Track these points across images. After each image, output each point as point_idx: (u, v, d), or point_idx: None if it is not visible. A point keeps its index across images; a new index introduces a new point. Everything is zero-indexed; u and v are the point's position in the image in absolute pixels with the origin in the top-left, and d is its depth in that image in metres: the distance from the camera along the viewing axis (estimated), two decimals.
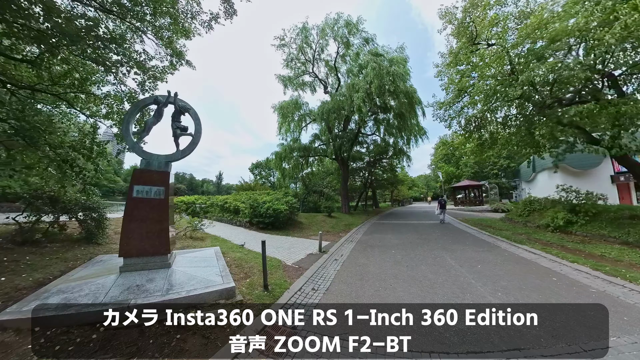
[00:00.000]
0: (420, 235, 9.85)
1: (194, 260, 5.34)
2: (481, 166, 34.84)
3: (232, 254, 6.54)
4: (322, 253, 6.76)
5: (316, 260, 5.99)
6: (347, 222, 13.19)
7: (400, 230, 11.07)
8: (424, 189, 70.79)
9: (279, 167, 19.25)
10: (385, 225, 13.09)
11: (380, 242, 8.44)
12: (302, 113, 19.33)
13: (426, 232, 10.52)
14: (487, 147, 15.52)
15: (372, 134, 21.05)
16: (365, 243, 8.25)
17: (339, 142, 15.84)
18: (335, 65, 19.26)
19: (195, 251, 6.31)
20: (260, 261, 4.75)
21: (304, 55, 19.85)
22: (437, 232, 10.50)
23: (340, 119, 18.97)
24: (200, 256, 5.74)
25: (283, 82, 20.11)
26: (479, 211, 23.32)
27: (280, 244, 8.18)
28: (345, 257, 6.31)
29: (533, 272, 5.08)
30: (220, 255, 5.84)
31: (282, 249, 7.37)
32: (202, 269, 4.64)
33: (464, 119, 16.24)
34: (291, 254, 6.83)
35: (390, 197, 37.50)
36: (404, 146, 19.34)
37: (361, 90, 12.38)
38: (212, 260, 5.36)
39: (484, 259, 6.14)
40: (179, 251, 6.15)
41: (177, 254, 5.55)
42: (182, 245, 7.31)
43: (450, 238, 9.17)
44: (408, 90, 14.11)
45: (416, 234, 9.99)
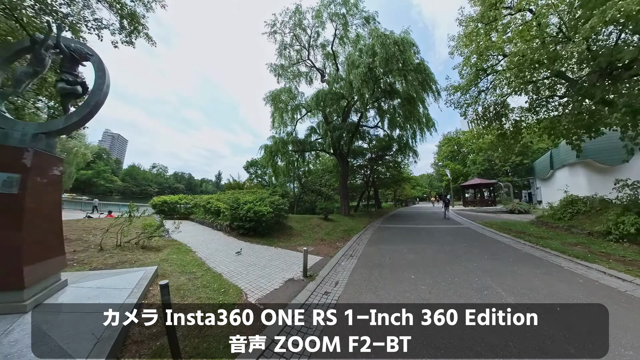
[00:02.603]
0: (442, 246, 7.67)
1: (91, 294, 3.25)
2: (491, 163, 32.53)
3: (177, 278, 4.42)
4: (308, 279, 4.59)
5: (296, 295, 3.83)
6: (346, 226, 11.02)
7: (413, 239, 8.89)
8: (426, 189, 68.63)
9: (271, 164, 17.06)
10: (393, 231, 10.91)
11: (391, 258, 6.26)
12: (297, 103, 17.18)
13: (447, 241, 8.34)
14: (510, 137, 13.33)
15: (375, 126, 18.84)
16: (371, 260, 6.07)
17: (337, 133, 13.66)
18: (333, 50, 17.12)
19: (113, 274, 4.18)
20: (211, 292, 3.29)
21: (299, 42, 17.75)
22: (461, 242, 8.30)
23: (340, 110, 16.85)
24: (111, 285, 3.63)
25: (276, 72, 18.01)
26: (492, 212, 21.09)
27: (255, 258, 6.03)
28: (341, 289, 4.13)
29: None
30: (149, 281, 3.75)
31: (253, 269, 5.22)
32: (84, 320, 2.53)
33: (481, 106, 14.11)
34: (262, 278, 4.67)
35: (394, 196, 35.27)
36: (411, 140, 17.10)
37: (362, 66, 10.13)
38: (122, 294, 3.25)
39: (554, 291, 3.96)
40: (86, 275, 4.08)
41: (76, 282, 3.50)
42: (114, 262, 5.21)
43: (482, 250, 6.98)
44: (420, 64, 11.72)
45: (436, 245, 7.80)
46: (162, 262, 5.49)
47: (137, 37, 7.64)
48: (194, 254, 6.43)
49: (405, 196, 40.22)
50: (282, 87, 16.84)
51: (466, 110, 14.05)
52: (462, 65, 13.53)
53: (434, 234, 9.98)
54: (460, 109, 14.14)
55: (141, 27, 7.54)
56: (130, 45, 8.11)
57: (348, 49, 16.33)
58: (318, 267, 5.34)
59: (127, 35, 7.70)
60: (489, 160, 33.33)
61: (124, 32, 7.42)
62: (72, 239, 6.96)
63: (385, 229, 11.47)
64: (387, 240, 8.52)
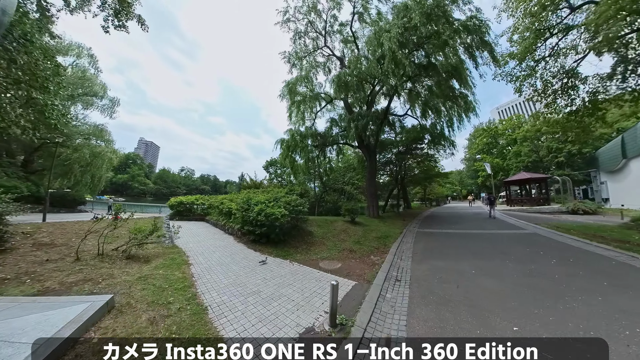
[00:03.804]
0: (522, 263, 5.45)
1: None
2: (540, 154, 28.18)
3: (136, 318, 2.92)
4: (339, 331, 2.76)
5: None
6: (378, 231, 9.03)
7: (474, 251, 6.69)
8: (457, 186, 63.55)
9: (289, 160, 15.47)
10: (440, 238, 8.71)
11: (458, 284, 4.24)
12: (315, 93, 15.44)
13: (524, 255, 6.07)
14: (584, 114, 10.40)
15: (404, 114, 16.49)
16: (429, 289, 4.11)
17: (363, 121, 11.66)
18: (353, 32, 15.12)
19: (42, 307, 2.77)
20: None
21: (314, 29, 16.01)
22: (545, 256, 5.99)
23: (363, 98, 14.83)
24: (19, 328, 2.09)
25: (290, 62, 16.40)
26: (548, 212, 17.67)
27: (261, 280, 4.34)
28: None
29: None
30: (81, 325, 2.20)
31: (255, 300, 3.52)
32: None
33: (540, 79, 11.24)
34: (265, 323, 2.94)
35: (423, 195, 32.18)
36: (447, 129, 14.53)
37: (396, 28, 7.96)
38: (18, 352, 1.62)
39: None
40: (10, 303, 2.72)
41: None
42: (75, 279, 4.15)
43: (590, 272, 4.68)
44: (472, 19, 9.13)
45: (512, 261, 5.60)
46: (138, 282, 4.04)
47: (127, 19, 7.36)
48: (186, 269, 4.94)
49: (435, 195, 36.84)
50: (298, 76, 15.21)
51: (521, 84, 11.35)
52: (513, 30, 10.87)
53: (497, 242, 7.66)
54: (514, 83, 11.45)
55: (130, 9, 7.05)
56: (123, 29, 7.56)
57: (367, 32, 14.32)
58: (352, 302, 3.50)
59: (116, 15, 7.27)
60: (535, 151, 28.93)
61: (108, 9, 6.91)
62: (57, 244, 5.93)
63: (427, 235, 9.29)
64: (439, 253, 6.42)
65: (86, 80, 20.91)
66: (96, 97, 22.17)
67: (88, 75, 21.17)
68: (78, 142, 22.40)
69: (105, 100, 22.92)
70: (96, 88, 21.92)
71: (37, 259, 4.88)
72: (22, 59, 4.68)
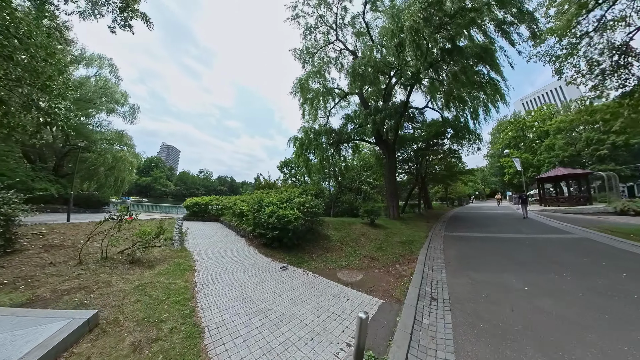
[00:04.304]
0: (582, 276, 4.47)
1: None
2: (577, 147, 25.49)
3: (119, 342, 2.40)
4: None
5: None
6: (401, 235, 8.21)
7: (519, 260, 5.73)
8: (479, 185, 60.22)
9: (302, 159, 14.93)
10: (473, 244, 7.73)
11: (512, 307, 3.42)
12: (329, 87, 14.78)
13: (584, 267, 5.05)
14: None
15: (424, 107, 15.41)
16: (477, 313, 3.32)
17: (381, 115, 10.83)
18: (366, 22, 14.24)
19: (17, 323, 2.32)
20: None
21: (324, 22, 15.35)
22: (611, 269, 4.94)
23: (378, 92, 13.97)
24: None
25: (301, 59, 15.82)
26: (591, 213, 15.77)
27: (270, 294, 3.75)
28: None
29: None
30: (50, 349, 1.69)
31: (261, 322, 2.93)
32: None
33: (584, 58, 9.76)
34: (273, 357, 2.34)
35: (445, 194, 30.45)
36: (471, 121, 13.27)
37: (416, 4, 7.01)
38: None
39: None
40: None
41: None
42: (70, 287, 4.01)
43: None
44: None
45: (570, 275, 4.62)
46: (134, 292, 3.66)
47: (132, 17, 7.25)
48: (190, 277, 4.50)
49: (457, 194, 34.83)
50: (309, 71, 14.62)
51: (562, 65, 9.97)
52: (549, 2, 9.51)
53: (544, 249, 6.59)
54: (554, 63, 10.07)
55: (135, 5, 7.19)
56: (128, 29, 7.42)
57: (381, 23, 13.42)
58: (381, 331, 2.80)
59: (121, 12, 7.16)
60: (572, 144, 26.19)
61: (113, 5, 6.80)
62: (66, 246, 5.80)
63: (457, 240, 8.31)
64: (477, 263, 5.53)
65: (108, 88, 21.82)
66: (118, 104, 23.10)
67: (109, 84, 22.14)
68: (103, 147, 23.59)
69: (126, 107, 23.90)
70: (117, 96, 22.88)
71: (42, 261, 4.70)
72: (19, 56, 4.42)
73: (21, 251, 5.13)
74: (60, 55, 5.64)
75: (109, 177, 23.77)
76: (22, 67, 4.63)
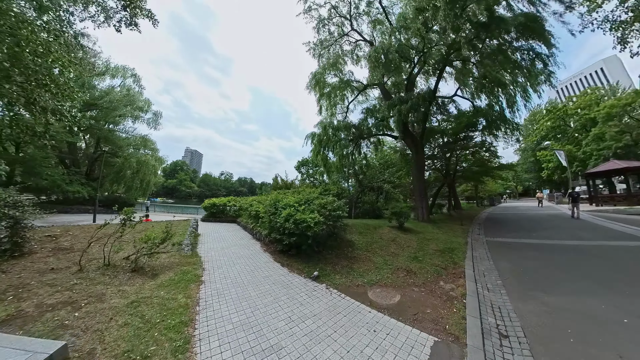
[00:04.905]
0: None
1: None
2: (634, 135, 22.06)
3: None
4: None
5: None
6: (437, 241, 7.11)
7: (596, 276, 4.48)
8: (510, 182, 55.75)
9: (321, 157, 14.13)
10: (527, 253, 6.47)
11: (619, 354, 2.36)
12: (346, 79, 13.86)
13: None
14: None
15: (453, 96, 13.97)
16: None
17: (406, 106, 9.71)
18: (383, 6, 13.06)
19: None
20: None
21: (337, 13, 14.38)
22: None
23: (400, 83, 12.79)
24: None
25: (315, 53, 14.96)
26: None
27: (285, 322, 2.98)
28: None
29: None
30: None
31: None
32: None
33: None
34: None
35: (474, 193, 28.17)
36: (507, 109, 11.63)
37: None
38: None
39: None
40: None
41: None
42: (62, 299, 3.59)
43: None
44: None
45: None
46: (125, 311, 3.15)
47: (137, 17, 7.10)
48: (194, 291, 3.90)
49: (488, 192, 32.17)
50: (325, 64, 13.78)
51: (626, 32, 8.25)
52: None
53: (621, 261, 5.23)
54: (615, 31, 8.35)
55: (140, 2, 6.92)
56: (134, 28, 7.31)
57: (397, 10, 12.20)
58: None
59: (124, 9, 6.94)
60: (627, 132, 22.69)
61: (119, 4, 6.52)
62: (75, 249, 5.49)
63: (505, 247, 7.05)
64: (544, 280, 4.37)
65: (131, 97, 22.75)
66: (141, 111, 24.06)
67: (132, 92, 23.10)
68: (129, 152, 24.81)
69: (150, 114, 24.86)
70: (140, 103, 23.83)
71: (44, 266, 4.43)
72: None
73: (29, 255, 4.88)
74: (61, 55, 5.32)
75: (135, 179, 24.75)
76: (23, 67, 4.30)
